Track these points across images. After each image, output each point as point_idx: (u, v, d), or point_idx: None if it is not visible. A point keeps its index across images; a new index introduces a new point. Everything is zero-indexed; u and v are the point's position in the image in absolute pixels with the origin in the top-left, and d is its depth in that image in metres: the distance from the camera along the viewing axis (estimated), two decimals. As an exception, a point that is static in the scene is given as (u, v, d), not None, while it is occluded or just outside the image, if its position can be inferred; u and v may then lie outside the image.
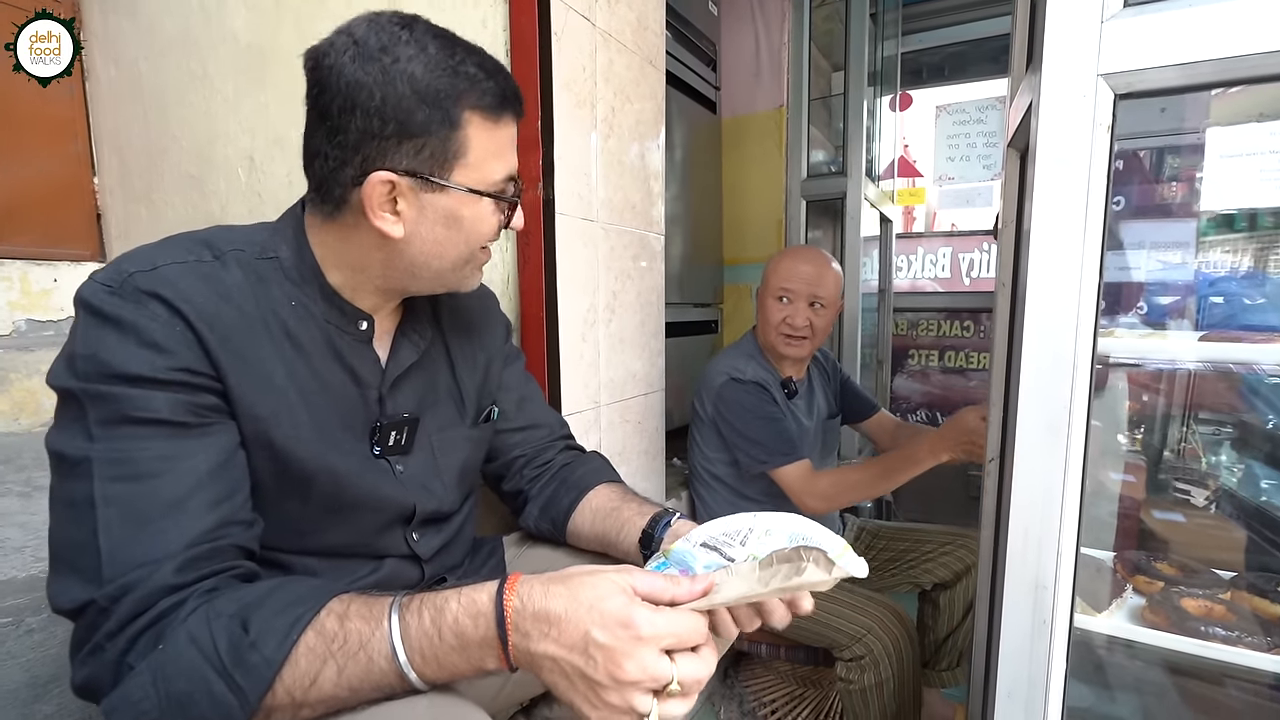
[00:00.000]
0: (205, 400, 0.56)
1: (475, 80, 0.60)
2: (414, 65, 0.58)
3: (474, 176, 0.62)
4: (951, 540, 1.46)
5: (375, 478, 0.67)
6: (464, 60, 0.60)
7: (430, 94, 0.58)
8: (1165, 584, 0.85)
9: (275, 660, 0.46)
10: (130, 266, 0.55)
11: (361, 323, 0.67)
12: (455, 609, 0.49)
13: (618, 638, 0.46)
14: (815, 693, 1.54)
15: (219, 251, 0.60)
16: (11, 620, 0.72)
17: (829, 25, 2.48)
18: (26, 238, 1.60)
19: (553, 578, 0.51)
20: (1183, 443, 1.13)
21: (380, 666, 0.48)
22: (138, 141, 1.61)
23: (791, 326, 1.36)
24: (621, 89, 1.26)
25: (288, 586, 0.52)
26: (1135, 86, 0.58)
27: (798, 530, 0.56)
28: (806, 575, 0.51)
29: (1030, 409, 0.63)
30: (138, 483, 0.51)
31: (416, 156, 0.59)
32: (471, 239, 0.65)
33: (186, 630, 0.47)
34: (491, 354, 0.83)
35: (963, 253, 3.04)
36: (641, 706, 0.47)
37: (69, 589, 0.49)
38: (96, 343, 0.52)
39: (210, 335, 0.56)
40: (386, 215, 0.61)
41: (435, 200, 0.61)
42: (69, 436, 0.52)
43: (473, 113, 0.60)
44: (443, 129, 0.59)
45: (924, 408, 2.87)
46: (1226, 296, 0.98)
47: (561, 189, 1.09)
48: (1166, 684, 0.93)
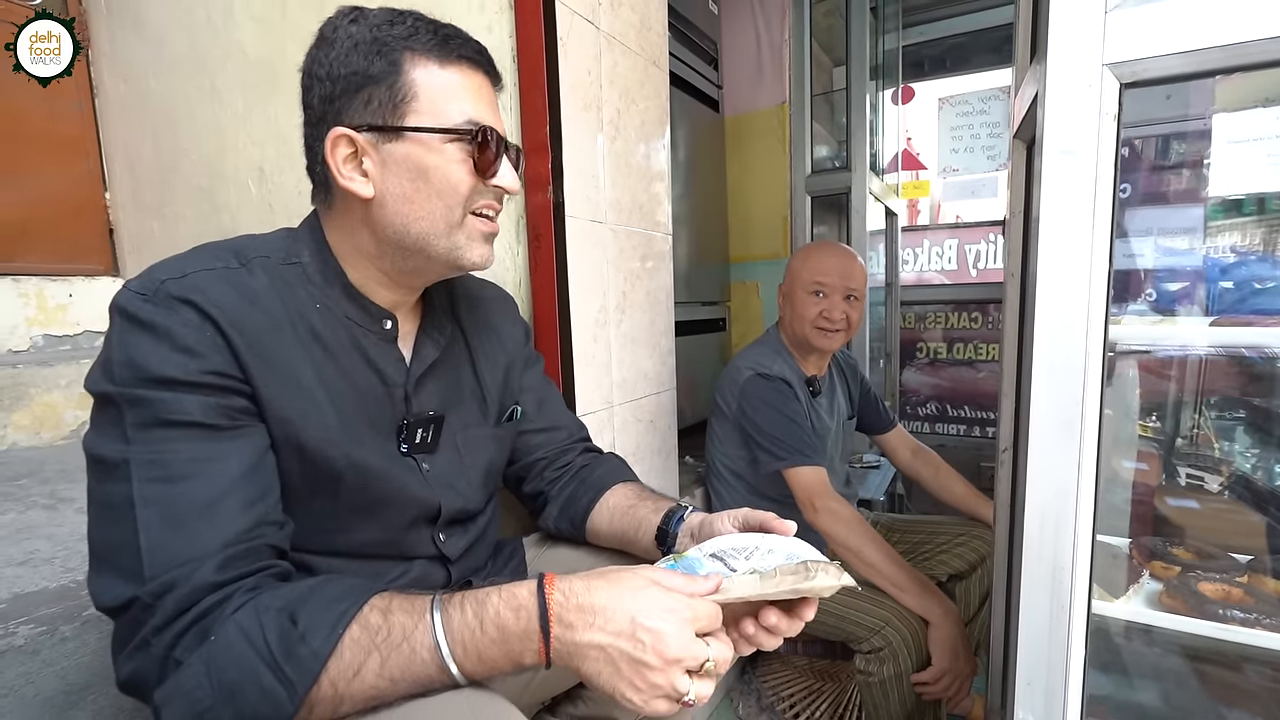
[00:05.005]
0: (236, 403, 0.57)
1: (414, 27, 0.62)
2: (355, 27, 0.62)
3: (427, 119, 0.62)
4: (966, 531, 1.46)
5: (403, 475, 0.69)
6: (404, 17, 0.62)
7: (367, 44, 0.61)
8: (1182, 569, 0.85)
9: (323, 653, 0.48)
10: (162, 274, 0.57)
11: (386, 321, 0.69)
12: (497, 602, 0.52)
13: (665, 619, 0.51)
14: (833, 686, 1.54)
15: (245, 258, 0.62)
16: (46, 629, 0.73)
17: (829, 20, 2.48)
18: (41, 254, 1.62)
19: (590, 574, 0.54)
20: (1196, 429, 1.13)
21: (422, 658, 0.50)
22: (148, 156, 1.63)
23: (829, 320, 1.38)
24: (626, 91, 1.27)
25: (332, 583, 0.54)
26: (1140, 75, 0.58)
27: (795, 551, 0.61)
28: (817, 580, 0.56)
29: (1043, 398, 0.63)
30: (171, 484, 0.52)
31: (367, 108, 0.61)
32: (444, 191, 0.64)
33: (236, 623, 0.49)
34: (512, 355, 0.84)
35: (969, 244, 3.03)
36: (682, 685, 0.51)
37: (112, 586, 0.51)
38: (132, 348, 0.54)
39: (239, 339, 0.57)
40: (355, 176, 0.62)
41: (395, 150, 0.62)
42: (107, 439, 0.53)
43: (414, 55, 0.61)
44: (387, 76, 0.61)
45: (933, 400, 2.86)
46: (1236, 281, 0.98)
47: (571, 192, 1.10)
48: (1185, 669, 0.93)
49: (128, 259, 1.76)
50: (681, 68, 1.94)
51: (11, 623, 0.74)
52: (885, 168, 2.81)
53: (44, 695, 0.71)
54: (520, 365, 0.86)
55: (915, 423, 2.90)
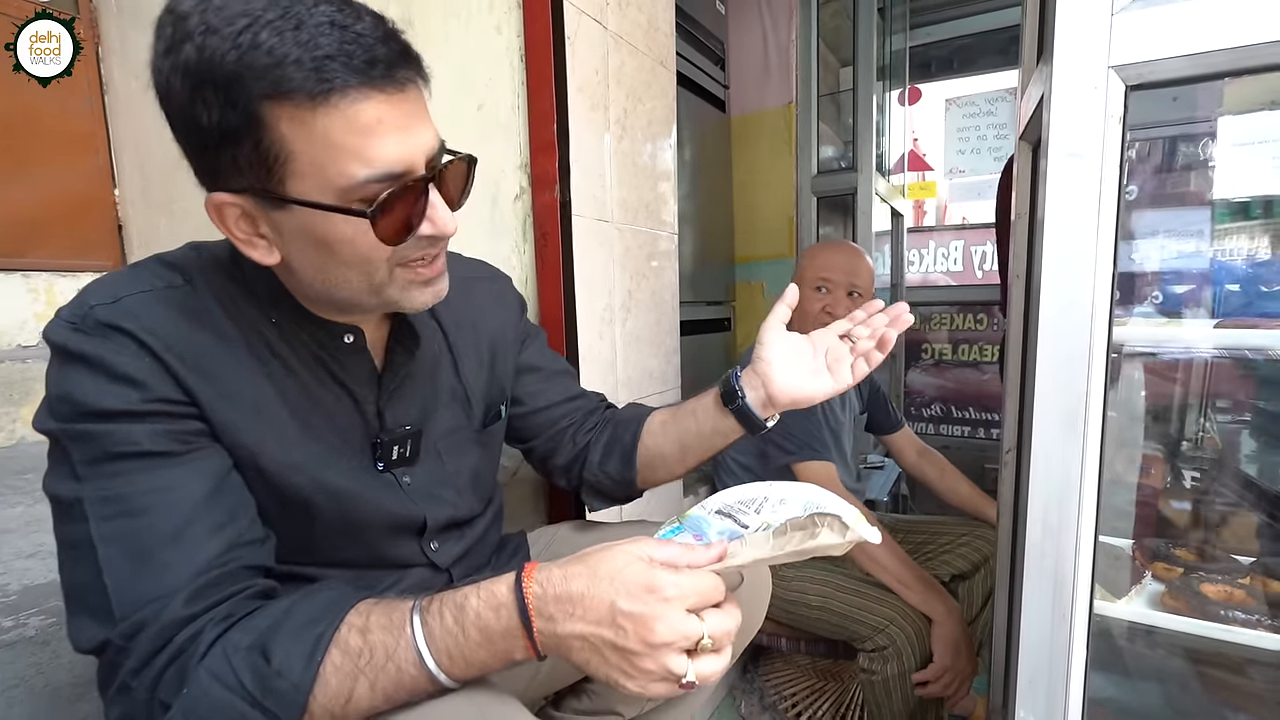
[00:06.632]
0: (188, 426, 0.53)
1: (273, 52, 0.44)
2: (188, 49, 0.45)
3: (311, 186, 0.49)
4: (969, 531, 1.46)
5: (379, 494, 0.65)
6: (259, 22, 0.45)
7: (212, 84, 0.45)
8: (1185, 570, 0.85)
9: (304, 685, 0.46)
10: (93, 299, 0.53)
11: (347, 335, 0.62)
12: (476, 604, 0.49)
13: (644, 603, 0.47)
14: (835, 685, 1.55)
15: (189, 274, 0.57)
16: (56, 620, 0.74)
17: (836, 21, 2.48)
18: (51, 250, 1.64)
19: (568, 560, 0.51)
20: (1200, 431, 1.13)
21: (410, 674, 0.48)
22: (158, 153, 1.64)
23: (831, 315, 1.37)
24: (633, 90, 1.28)
25: (301, 605, 0.51)
26: (1146, 78, 0.58)
27: (812, 499, 0.55)
28: (821, 539, 0.51)
29: (1047, 399, 0.63)
30: (132, 518, 0.49)
31: (236, 171, 0.49)
32: (354, 261, 0.53)
33: (207, 669, 0.46)
34: (499, 343, 0.79)
35: (975, 245, 3.03)
36: (677, 668, 0.47)
37: (85, 629, 0.49)
38: (67, 382, 0.50)
39: (180, 366, 0.53)
40: (254, 240, 0.53)
41: (284, 220, 0.51)
42: (59, 479, 0.51)
43: (276, 101, 0.46)
44: (247, 133, 0.47)
45: (938, 401, 2.86)
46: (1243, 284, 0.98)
47: (578, 191, 1.11)
48: (1188, 671, 0.93)
49: (136, 254, 1.77)
50: (688, 67, 1.94)
51: (22, 614, 0.75)
52: (891, 168, 2.81)
53: (53, 686, 0.72)
54: (513, 351, 0.82)
55: (920, 424, 2.90)
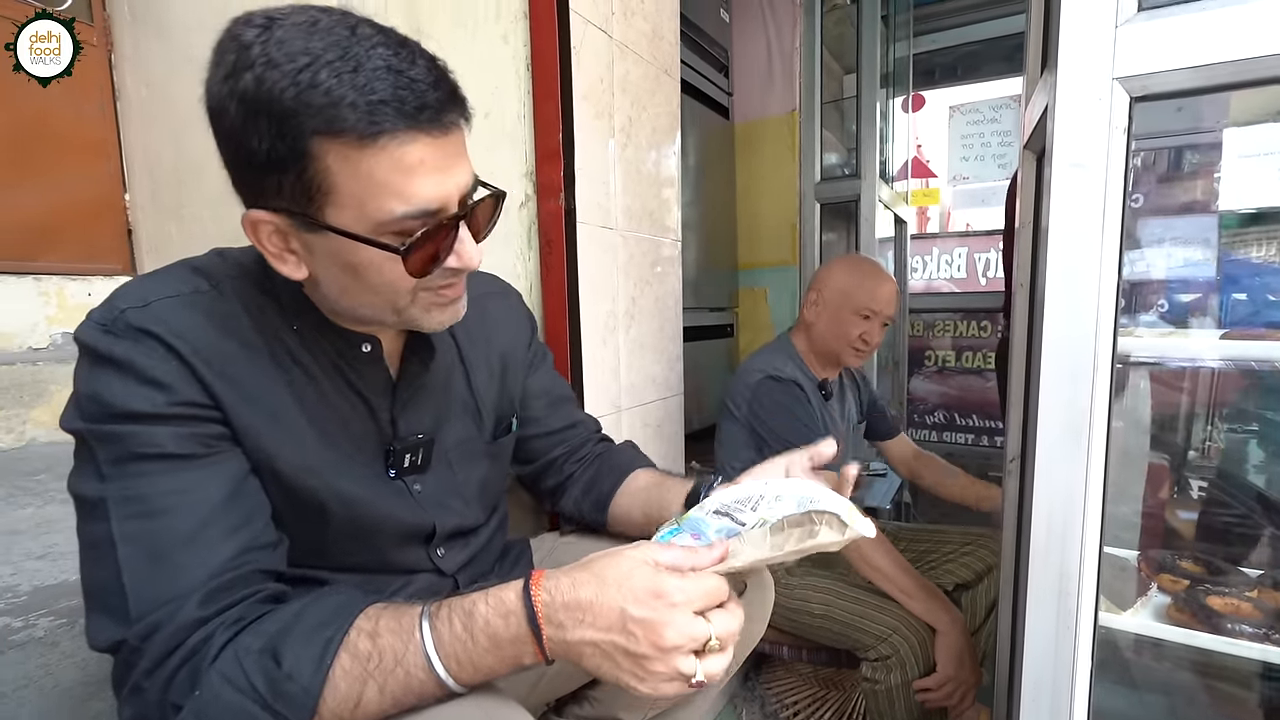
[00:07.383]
0: (210, 430, 0.55)
1: (330, 94, 0.47)
2: (248, 78, 0.48)
3: (349, 216, 0.51)
4: (972, 541, 1.46)
5: (390, 500, 0.67)
6: (320, 64, 0.47)
7: (267, 116, 0.48)
8: (1191, 582, 0.84)
9: (313, 688, 0.47)
10: (123, 303, 0.54)
11: (365, 345, 0.64)
12: (484, 611, 0.50)
13: (654, 608, 0.48)
14: (837, 694, 1.54)
15: (216, 280, 0.59)
16: (66, 621, 0.75)
17: (840, 28, 2.48)
18: (62, 254, 1.65)
19: (575, 567, 0.52)
20: (1207, 441, 1.13)
21: (419, 678, 0.49)
22: (168, 159, 1.66)
23: (867, 344, 1.41)
24: (638, 99, 1.28)
25: (311, 609, 0.51)
26: (1151, 89, 0.58)
27: (807, 494, 0.56)
28: (820, 537, 0.52)
29: (1051, 409, 0.63)
30: (152, 519, 0.51)
31: (279, 193, 0.51)
32: (380, 288, 0.55)
33: (218, 671, 0.47)
34: (510, 357, 0.81)
35: (978, 252, 3.03)
36: (687, 668, 0.49)
37: (103, 628, 0.50)
38: (97, 383, 0.52)
39: (206, 370, 0.54)
40: (285, 256, 0.55)
41: (318, 243, 0.54)
42: (84, 478, 0.52)
43: (327, 138, 0.48)
44: (294, 163, 0.49)
45: (941, 408, 2.85)
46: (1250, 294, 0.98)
47: (582, 198, 1.11)
48: (1194, 684, 0.93)
49: (146, 259, 1.78)
50: (692, 75, 1.95)
51: (32, 615, 0.75)
52: (895, 175, 2.81)
53: (63, 686, 0.72)
54: (523, 367, 0.84)
55: (923, 430, 2.89)
